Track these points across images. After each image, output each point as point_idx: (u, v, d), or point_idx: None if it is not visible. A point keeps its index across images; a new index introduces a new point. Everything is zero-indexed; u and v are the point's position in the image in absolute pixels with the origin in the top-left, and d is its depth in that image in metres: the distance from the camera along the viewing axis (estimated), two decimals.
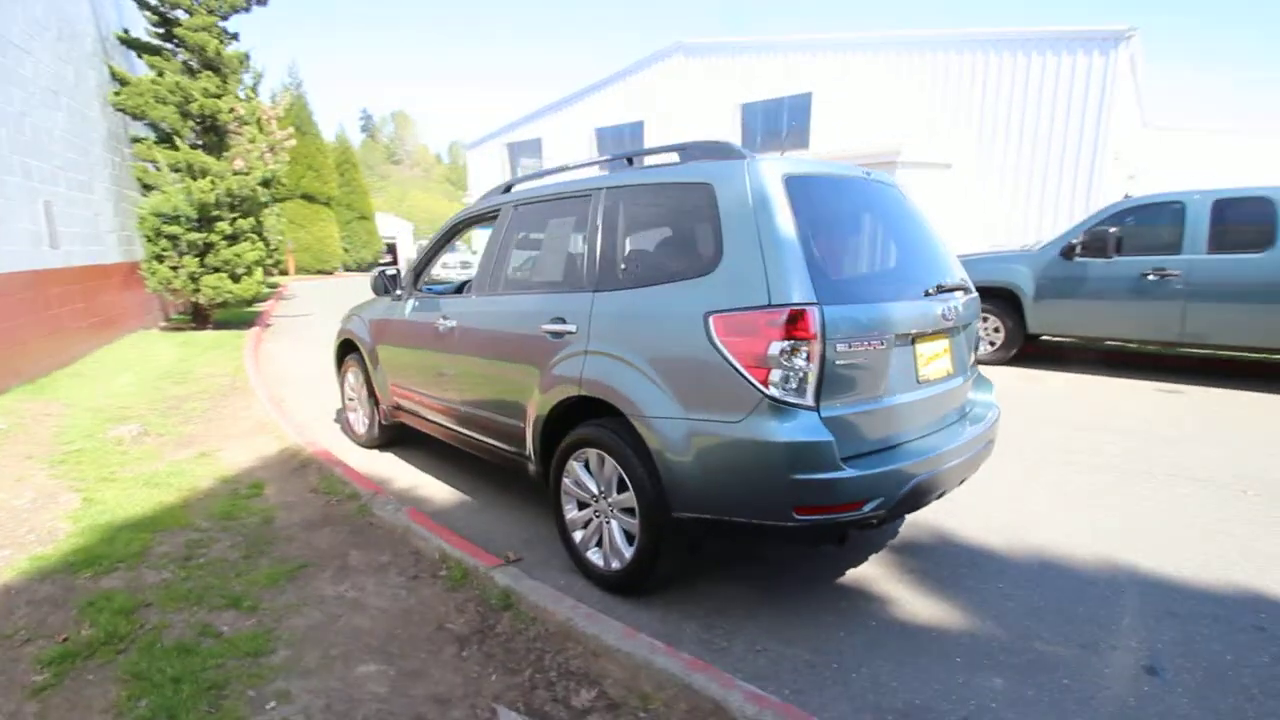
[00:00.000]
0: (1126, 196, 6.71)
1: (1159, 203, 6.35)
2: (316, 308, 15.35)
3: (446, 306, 3.59)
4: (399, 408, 4.26)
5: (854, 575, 2.82)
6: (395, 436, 4.64)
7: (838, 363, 2.15)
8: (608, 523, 2.67)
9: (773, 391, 2.09)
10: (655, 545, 2.44)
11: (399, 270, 4.10)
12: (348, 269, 31.54)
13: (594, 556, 2.74)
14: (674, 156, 2.73)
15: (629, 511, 2.55)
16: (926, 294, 2.53)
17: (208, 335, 9.67)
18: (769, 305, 2.11)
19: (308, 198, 27.09)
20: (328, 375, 7.37)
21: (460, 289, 4.40)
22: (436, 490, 3.89)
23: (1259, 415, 5.22)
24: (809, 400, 2.11)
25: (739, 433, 2.14)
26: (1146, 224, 6.38)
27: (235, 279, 9.83)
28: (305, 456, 4.18)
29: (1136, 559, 2.90)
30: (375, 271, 4.13)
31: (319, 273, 28.37)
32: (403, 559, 2.87)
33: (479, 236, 25.49)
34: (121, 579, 2.63)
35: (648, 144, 22.11)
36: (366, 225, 32.60)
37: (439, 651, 2.23)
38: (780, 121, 18.43)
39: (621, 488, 2.56)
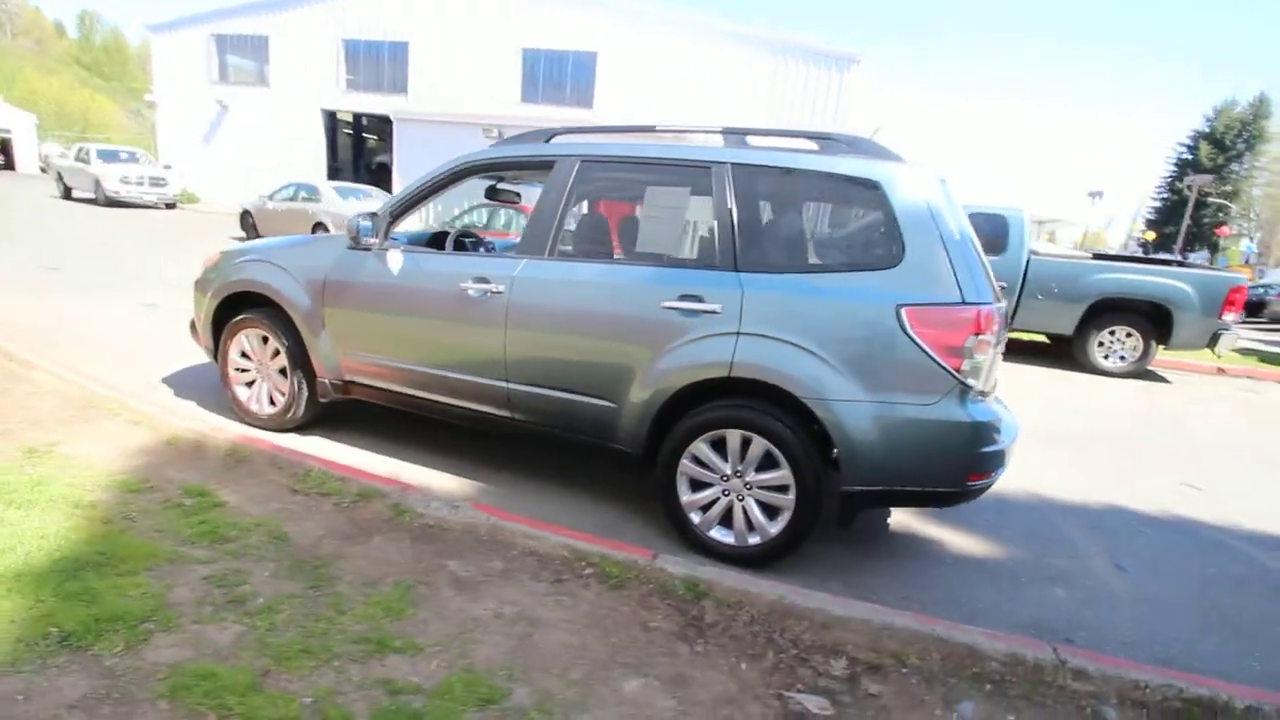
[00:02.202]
0: None
1: None
2: None
3: (485, 268, 3.07)
4: (353, 383, 3.52)
5: (897, 525, 3.35)
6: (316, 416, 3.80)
7: (995, 353, 2.56)
8: (741, 500, 2.73)
9: (966, 379, 2.41)
10: (813, 518, 2.61)
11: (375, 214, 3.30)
12: None
13: (720, 535, 2.78)
14: (803, 141, 2.80)
15: (776, 489, 2.65)
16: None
17: None
18: (963, 302, 2.41)
19: None
20: (65, 328, 5.45)
21: (436, 242, 3.76)
22: (432, 479, 3.36)
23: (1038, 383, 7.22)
24: (983, 385, 2.49)
25: (934, 414, 2.42)
26: None
27: None
28: (234, 447, 3.21)
29: (1043, 491, 3.96)
30: (356, 214, 3.28)
31: None
32: (520, 562, 2.52)
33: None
34: (180, 647, 1.85)
35: (412, 69, 19.94)
36: None
37: (672, 652, 2.11)
38: (564, 75, 18.24)
39: (766, 466, 2.64)
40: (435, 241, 3.78)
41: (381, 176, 23.56)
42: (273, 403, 3.75)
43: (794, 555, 2.86)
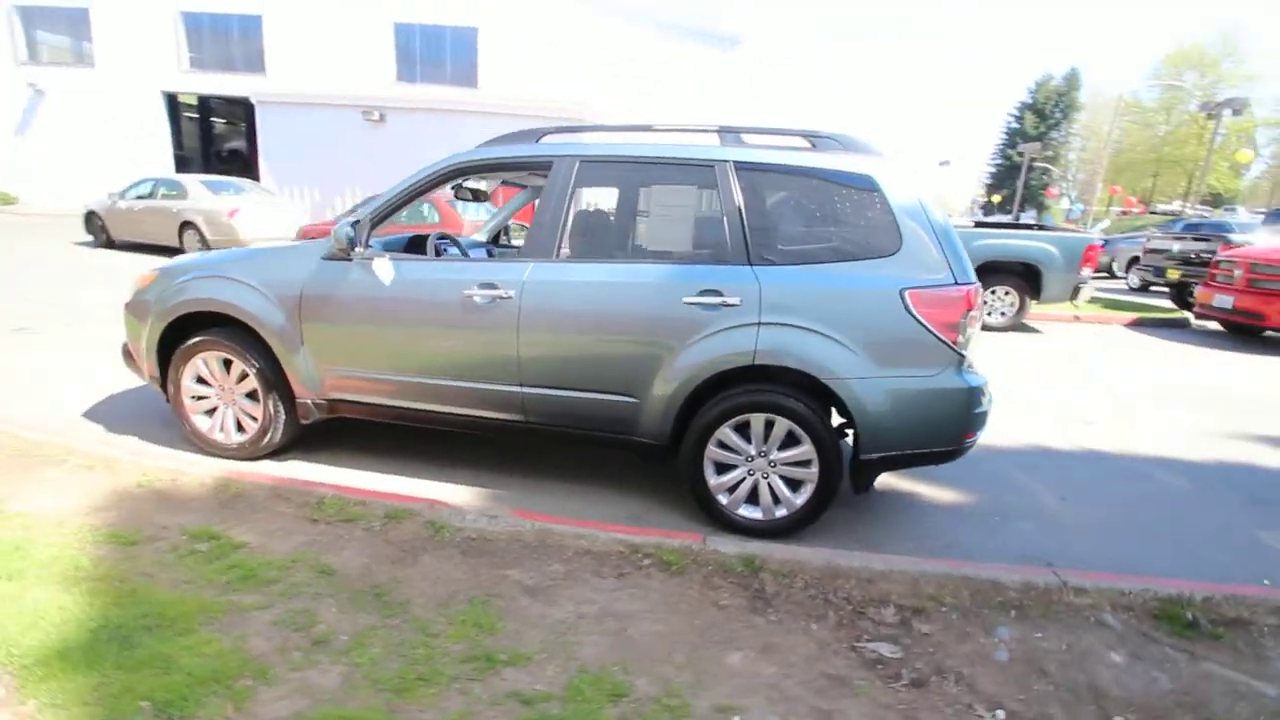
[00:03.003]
0: None
1: None
2: None
3: (490, 273, 3.03)
4: (340, 400, 3.36)
5: (881, 484, 3.71)
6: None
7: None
8: (766, 478, 2.94)
9: (961, 350, 2.74)
10: (836, 487, 2.87)
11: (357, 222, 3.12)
12: None
13: (748, 512, 2.98)
14: (796, 139, 3.00)
15: (799, 464, 2.88)
16: None
17: None
18: (956, 283, 2.73)
19: None
20: None
21: (415, 245, 3.62)
22: (445, 491, 3.30)
23: None
24: (970, 355, 2.84)
25: (936, 384, 2.74)
26: None
27: None
28: (223, 483, 2.97)
29: (982, 439, 4.49)
30: (341, 222, 3.08)
31: None
32: (579, 563, 2.58)
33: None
34: (292, 698, 1.77)
35: (269, 45, 18.25)
36: None
37: (751, 625, 2.29)
38: (443, 52, 17.39)
39: (788, 444, 2.87)
40: (413, 247, 3.64)
41: (234, 164, 21.53)
42: (241, 429, 3.49)
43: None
